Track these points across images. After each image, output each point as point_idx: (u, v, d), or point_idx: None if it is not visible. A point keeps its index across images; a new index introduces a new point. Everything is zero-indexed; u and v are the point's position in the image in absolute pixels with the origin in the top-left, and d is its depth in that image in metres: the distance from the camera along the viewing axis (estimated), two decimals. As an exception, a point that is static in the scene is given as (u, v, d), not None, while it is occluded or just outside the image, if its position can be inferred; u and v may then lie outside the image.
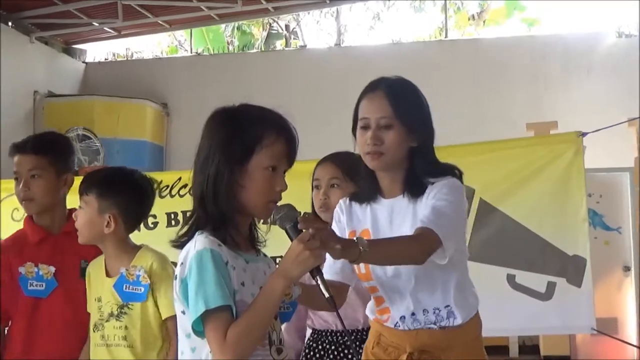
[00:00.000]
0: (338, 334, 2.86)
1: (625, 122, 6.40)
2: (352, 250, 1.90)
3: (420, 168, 2.31)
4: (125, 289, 2.61)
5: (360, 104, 2.35)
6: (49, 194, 2.91)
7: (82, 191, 2.65)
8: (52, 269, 2.86)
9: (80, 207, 2.65)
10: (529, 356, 8.51)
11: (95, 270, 2.71)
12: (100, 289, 2.67)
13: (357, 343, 2.71)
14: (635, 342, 7.34)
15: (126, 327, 2.59)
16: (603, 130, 4.35)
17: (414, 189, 2.30)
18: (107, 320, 2.62)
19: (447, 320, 2.31)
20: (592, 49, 9.77)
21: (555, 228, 4.26)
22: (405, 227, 2.28)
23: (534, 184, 4.31)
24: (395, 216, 2.33)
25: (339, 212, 2.45)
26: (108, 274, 2.66)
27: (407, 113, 2.29)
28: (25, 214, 3.02)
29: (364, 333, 2.69)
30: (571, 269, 4.18)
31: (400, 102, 2.29)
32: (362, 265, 2.32)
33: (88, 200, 2.63)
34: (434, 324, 2.30)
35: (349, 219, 2.40)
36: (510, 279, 4.21)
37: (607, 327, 6.32)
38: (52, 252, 2.90)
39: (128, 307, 2.60)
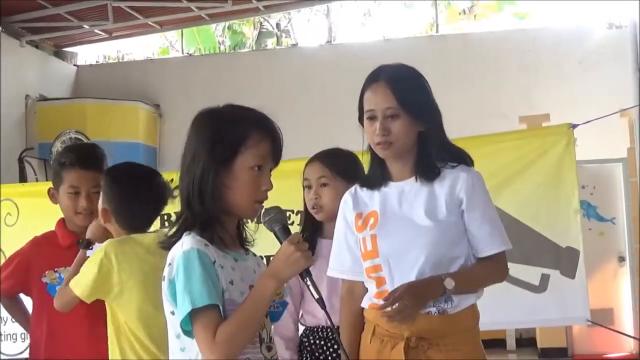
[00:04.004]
0: (328, 330, 2.87)
1: (617, 112, 6.41)
2: (438, 290, 2.24)
3: (432, 151, 2.37)
4: None
5: (365, 96, 2.39)
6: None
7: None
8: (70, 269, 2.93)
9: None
10: (526, 349, 8.54)
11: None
12: None
13: None
14: (631, 333, 7.36)
15: None
16: (596, 121, 4.34)
17: (427, 172, 2.36)
18: None
19: (445, 304, 2.31)
20: (583, 41, 9.78)
21: (547, 220, 4.24)
22: (416, 208, 2.34)
23: (526, 177, 4.30)
24: (404, 198, 2.38)
25: (343, 206, 2.49)
26: None
27: (411, 100, 2.33)
28: (60, 218, 3.13)
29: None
30: (564, 260, 4.17)
31: (403, 90, 2.33)
32: (369, 242, 2.37)
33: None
34: (433, 307, 2.30)
35: (355, 205, 2.45)
36: (504, 272, 4.21)
37: (603, 318, 6.33)
38: None
39: None
